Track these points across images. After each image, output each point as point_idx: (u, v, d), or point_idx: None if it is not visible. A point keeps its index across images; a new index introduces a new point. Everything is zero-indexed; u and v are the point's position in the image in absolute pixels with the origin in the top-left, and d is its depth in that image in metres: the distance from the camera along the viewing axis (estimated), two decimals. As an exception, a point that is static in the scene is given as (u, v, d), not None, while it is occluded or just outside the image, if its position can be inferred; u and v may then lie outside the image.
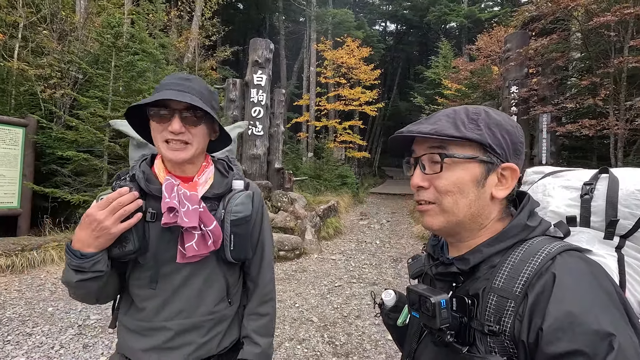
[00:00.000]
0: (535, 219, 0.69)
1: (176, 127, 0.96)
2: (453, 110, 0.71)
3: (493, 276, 0.63)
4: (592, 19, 5.93)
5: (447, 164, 0.68)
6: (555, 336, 0.53)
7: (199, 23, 11.78)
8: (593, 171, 0.83)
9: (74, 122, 5.46)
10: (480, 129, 0.67)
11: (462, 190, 0.68)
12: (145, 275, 1.02)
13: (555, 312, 0.54)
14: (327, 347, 3.11)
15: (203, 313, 1.07)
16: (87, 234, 0.90)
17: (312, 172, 12.22)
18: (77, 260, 0.91)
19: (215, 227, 1.02)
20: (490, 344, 0.60)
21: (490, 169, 0.68)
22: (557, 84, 7.72)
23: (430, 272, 0.78)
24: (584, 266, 0.59)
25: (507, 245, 0.66)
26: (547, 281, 0.57)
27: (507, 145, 0.68)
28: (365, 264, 5.72)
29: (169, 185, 0.99)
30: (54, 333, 3.05)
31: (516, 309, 0.58)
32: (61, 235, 5.09)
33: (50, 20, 6.69)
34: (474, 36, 12.24)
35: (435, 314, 0.64)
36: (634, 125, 5.62)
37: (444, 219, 0.70)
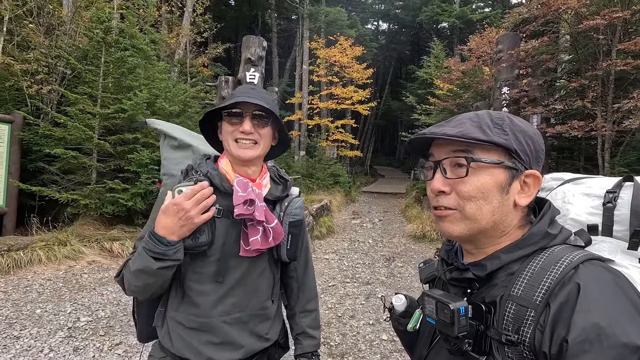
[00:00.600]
0: (556, 226, 0.68)
1: (247, 128, 1.07)
2: (476, 114, 0.70)
3: (511, 284, 0.61)
4: (582, 22, 6.03)
5: (473, 168, 0.66)
6: (581, 349, 0.51)
7: (190, 19, 11.62)
8: (616, 179, 0.81)
9: (62, 118, 5.33)
10: (507, 134, 0.66)
11: (486, 196, 0.66)
12: (209, 269, 1.08)
13: (581, 323, 0.52)
14: (322, 348, 3.10)
15: (254, 308, 1.14)
16: (173, 222, 0.96)
17: (305, 171, 12.19)
18: (162, 247, 0.96)
19: (276, 225, 1.12)
20: (508, 354, 0.59)
21: (515, 176, 0.66)
22: (547, 85, 7.84)
23: (444, 277, 0.76)
24: (608, 276, 0.58)
25: (527, 253, 0.65)
26: (571, 291, 0.56)
27: (530, 152, 0.67)
28: (359, 264, 5.73)
29: (241, 182, 1.08)
30: (42, 336, 2.98)
31: (537, 318, 0.56)
32: (48, 235, 4.97)
33: (36, 13, 6.50)
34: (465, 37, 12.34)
35: (453, 321, 0.62)
36: (621, 127, 5.73)
37: (466, 226, 0.68)
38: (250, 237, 1.08)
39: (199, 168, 1.11)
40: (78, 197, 5.22)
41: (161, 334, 1.14)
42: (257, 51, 8.12)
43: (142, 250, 0.98)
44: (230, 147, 1.09)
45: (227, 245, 1.09)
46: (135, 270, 0.99)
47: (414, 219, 8.61)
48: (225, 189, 1.08)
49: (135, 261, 1.00)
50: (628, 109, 5.52)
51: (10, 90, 5.82)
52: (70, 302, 3.62)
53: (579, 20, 6.40)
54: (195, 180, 1.05)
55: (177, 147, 1.34)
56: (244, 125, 1.07)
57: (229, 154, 1.12)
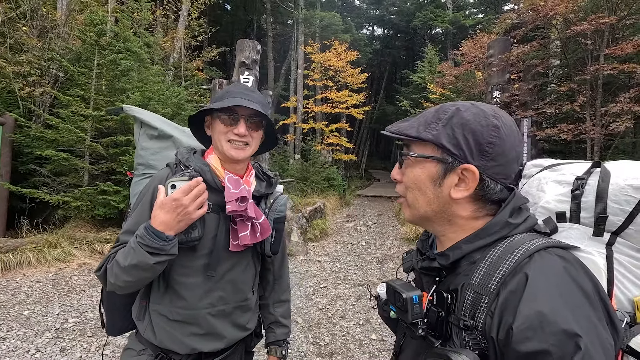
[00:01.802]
0: (521, 215, 0.67)
1: (242, 130, 1.09)
2: (435, 109, 0.71)
3: (472, 272, 0.63)
4: (570, 27, 6.14)
5: (409, 161, 0.71)
6: (525, 335, 0.53)
7: (186, 23, 11.66)
8: (588, 164, 0.80)
9: (54, 121, 5.32)
10: (438, 130, 0.66)
11: (420, 187, 0.70)
12: (197, 263, 1.09)
13: (526, 311, 0.54)
14: (311, 348, 3.11)
15: (237, 300, 1.17)
16: (171, 218, 0.97)
17: (299, 174, 12.21)
18: (160, 242, 0.96)
19: (264, 221, 1.15)
20: (465, 338, 0.61)
21: (448, 169, 0.66)
22: (537, 89, 7.95)
23: (416, 267, 0.79)
24: (559, 265, 0.58)
25: (487, 242, 0.65)
26: (520, 280, 0.57)
27: (467, 146, 0.65)
28: (351, 266, 5.74)
29: (232, 179, 1.10)
30: (29, 337, 2.96)
31: (489, 305, 0.58)
32: (39, 237, 4.94)
33: (30, 16, 6.51)
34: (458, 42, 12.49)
35: (407, 308, 0.66)
36: (609, 130, 5.82)
37: (410, 212, 0.74)
38: (239, 233, 1.10)
39: (188, 162, 1.11)
40: (69, 199, 5.20)
41: (142, 326, 1.14)
42: (252, 55, 8.17)
43: (136, 246, 0.96)
44: (222, 147, 1.10)
45: (217, 240, 1.11)
46: (128, 265, 0.97)
47: (407, 222, 8.64)
48: (217, 185, 1.10)
49: (127, 256, 0.97)
50: (615, 112, 5.62)
51: (2, 92, 5.81)
52: (59, 304, 3.60)
53: (568, 26, 6.52)
54: (190, 175, 1.05)
55: (157, 137, 1.32)
56: (239, 128, 1.09)
57: (219, 151, 1.13)
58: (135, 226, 1.05)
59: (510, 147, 0.66)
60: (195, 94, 9.80)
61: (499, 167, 0.66)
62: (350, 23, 21.14)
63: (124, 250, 1.01)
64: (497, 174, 0.66)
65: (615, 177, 0.73)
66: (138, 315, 1.16)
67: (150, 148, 1.32)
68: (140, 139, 1.34)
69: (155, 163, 1.28)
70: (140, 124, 1.35)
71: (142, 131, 1.34)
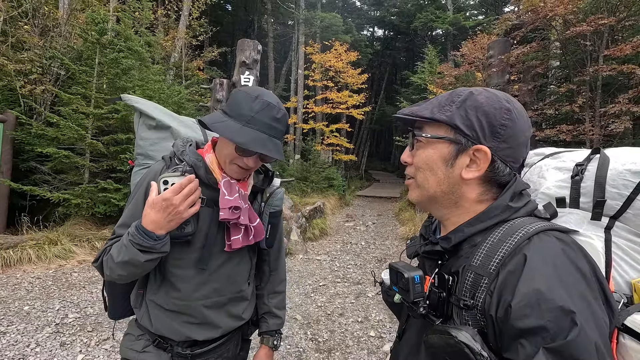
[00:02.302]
0: (521, 200, 0.69)
1: (252, 165, 1.06)
2: (450, 92, 0.73)
3: (473, 255, 0.65)
4: (570, 28, 6.17)
5: (421, 142, 0.72)
6: (523, 312, 0.54)
7: (187, 22, 11.70)
8: (589, 152, 0.81)
9: (55, 118, 5.35)
10: (452, 111, 0.68)
11: (431, 167, 0.71)
12: (192, 256, 1.10)
13: (524, 289, 0.56)
14: (309, 344, 3.13)
15: (232, 292, 1.18)
16: (162, 217, 0.96)
17: (299, 174, 12.22)
18: (151, 241, 0.96)
19: (258, 224, 1.15)
20: (465, 317, 0.63)
21: (460, 150, 0.68)
22: (536, 90, 7.98)
23: (419, 251, 0.81)
24: (557, 246, 0.60)
25: (488, 226, 0.67)
26: (518, 261, 0.59)
27: (480, 127, 0.67)
28: (350, 265, 5.76)
29: (227, 184, 1.07)
30: (29, 332, 2.98)
31: (489, 285, 0.60)
32: (39, 234, 4.96)
33: (32, 15, 6.54)
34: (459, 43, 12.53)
35: (408, 288, 0.68)
36: (608, 131, 5.84)
37: (419, 192, 0.75)
38: (232, 236, 1.09)
39: (183, 156, 1.08)
40: (70, 196, 5.22)
41: (139, 314, 1.16)
42: (252, 54, 8.20)
43: (128, 243, 0.97)
44: (226, 164, 1.07)
45: (210, 234, 1.10)
46: (121, 261, 0.99)
47: (406, 222, 8.66)
48: (210, 181, 1.08)
49: (120, 252, 0.99)
50: (614, 113, 5.64)
51: (3, 90, 5.83)
52: (58, 300, 3.61)
53: (567, 27, 6.55)
54: (182, 171, 1.04)
55: (155, 128, 1.31)
56: (248, 161, 1.04)
57: (220, 160, 1.09)
58: (130, 219, 1.06)
59: (520, 130, 0.69)
60: (195, 94, 9.83)
61: (509, 149, 0.68)
62: (350, 24, 21.19)
63: (117, 245, 1.02)
64: (507, 156, 0.68)
65: (614, 162, 0.74)
66: (135, 303, 1.19)
67: (149, 138, 1.30)
68: (139, 129, 1.33)
69: (153, 154, 1.27)
70: (140, 114, 1.34)
71: (141, 121, 1.33)
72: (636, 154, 0.75)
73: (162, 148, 1.27)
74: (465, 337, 0.57)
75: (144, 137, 1.31)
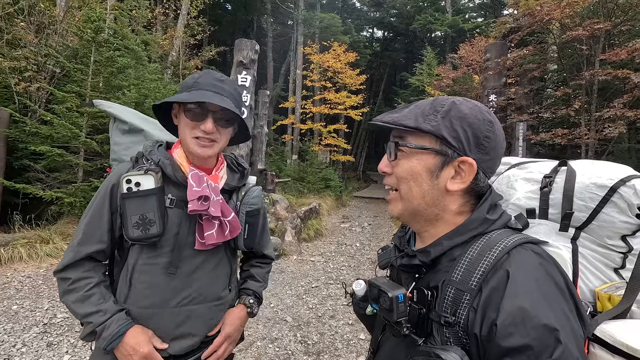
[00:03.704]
0: (496, 212, 0.69)
1: (209, 128, 1.02)
2: (430, 101, 0.71)
3: (452, 269, 0.64)
4: (566, 32, 6.18)
5: (404, 152, 0.69)
6: (508, 331, 0.54)
7: (185, 21, 11.67)
8: (555, 163, 0.84)
9: (49, 116, 5.32)
10: (437, 121, 0.67)
11: (416, 179, 0.69)
12: (161, 260, 1.05)
13: (508, 307, 0.55)
14: (299, 346, 3.12)
15: (210, 299, 1.12)
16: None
17: (296, 174, 12.22)
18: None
19: (233, 218, 1.10)
20: (446, 334, 0.62)
21: (445, 161, 0.67)
22: (533, 93, 7.99)
23: (395, 264, 0.79)
24: (536, 261, 0.60)
25: (466, 239, 0.67)
26: (501, 277, 0.58)
27: (466, 139, 0.66)
28: (344, 266, 5.75)
29: (196, 176, 1.04)
30: (16, 331, 2.96)
31: (471, 301, 0.59)
32: (31, 233, 4.93)
33: (28, 12, 6.52)
34: (457, 45, 12.54)
35: (392, 307, 0.65)
36: (603, 135, 5.85)
37: (402, 205, 0.72)
38: (205, 232, 1.05)
39: (150, 156, 1.07)
40: (63, 195, 5.19)
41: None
42: (250, 54, 8.19)
43: (89, 319, 1.01)
44: (188, 143, 1.05)
45: (180, 237, 1.06)
46: (75, 312, 1.03)
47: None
48: (178, 179, 1.06)
49: (77, 304, 1.02)
50: (609, 118, 5.65)
51: (-3, 87, 5.81)
52: (48, 299, 3.59)
53: (564, 31, 6.56)
54: (146, 170, 1.02)
55: (128, 132, 1.29)
56: (206, 125, 1.02)
57: (184, 146, 1.08)
58: (89, 232, 1.04)
59: (500, 142, 0.70)
60: (192, 93, 9.78)
61: (490, 161, 0.69)
62: (350, 25, 21.19)
63: (83, 297, 1.02)
64: (488, 167, 0.70)
65: (581, 176, 0.76)
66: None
67: (123, 143, 1.29)
68: (113, 133, 1.32)
69: (127, 159, 1.26)
70: (113, 119, 1.32)
71: (115, 126, 1.32)
72: (600, 167, 0.78)
73: (135, 152, 1.23)
74: (454, 358, 0.56)
75: (117, 142, 1.30)
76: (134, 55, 6.84)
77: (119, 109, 1.33)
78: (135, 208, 1.00)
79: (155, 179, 1.03)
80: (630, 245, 0.74)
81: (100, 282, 1.06)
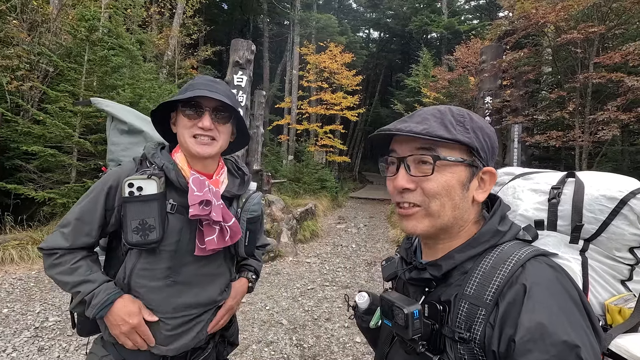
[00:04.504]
0: (506, 223, 0.69)
1: (207, 124, 1.02)
2: (438, 110, 0.69)
3: (465, 283, 0.63)
4: (561, 35, 6.22)
5: (438, 166, 0.65)
6: (526, 347, 0.53)
7: (180, 21, 11.60)
8: (561, 174, 0.83)
9: (42, 116, 5.25)
10: (469, 132, 0.66)
11: (449, 193, 0.66)
12: (160, 266, 1.05)
13: (527, 323, 0.54)
14: (294, 350, 3.10)
15: (207, 304, 1.13)
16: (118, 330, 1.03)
17: (292, 175, 12.19)
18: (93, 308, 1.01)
19: (234, 224, 1.10)
20: (460, 350, 0.60)
21: (474, 173, 0.67)
22: (528, 96, 8.04)
23: (404, 277, 0.77)
24: (552, 274, 0.59)
25: (479, 252, 0.66)
26: (518, 291, 0.57)
27: (488, 149, 0.68)
28: (340, 267, 5.74)
29: (197, 180, 1.04)
30: (7, 335, 2.91)
31: (487, 317, 0.58)
32: (23, 234, 4.86)
33: (20, 10, 6.43)
34: (453, 47, 12.60)
35: (407, 324, 0.63)
36: (597, 137, 5.90)
37: (429, 223, 0.67)
38: (205, 237, 1.05)
39: (154, 159, 1.07)
40: (55, 195, 5.13)
41: (105, 330, 1.10)
42: (246, 54, 8.16)
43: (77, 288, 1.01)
44: (187, 143, 1.04)
45: (181, 243, 1.06)
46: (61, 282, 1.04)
47: (398, 225, 8.66)
48: (181, 184, 1.05)
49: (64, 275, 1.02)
50: (603, 120, 5.69)
51: (-12, 86, 5.71)
52: (39, 302, 3.54)
53: (559, 34, 6.61)
54: (149, 174, 1.01)
55: (127, 132, 1.28)
56: (203, 121, 1.02)
57: (184, 148, 1.08)
58: (79, 218, 1.04)
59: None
60: (188, 93, 9.72)
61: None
62: (346, 25, 21.20)
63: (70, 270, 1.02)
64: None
65: (589, 187, 0.76)
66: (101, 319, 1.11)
67: (121, 143, 1.27)
68: (111, 133, 1.30)
69: (125, 160, 1.23)
70: (112, 118, 1.30)
71: (113, 125, 1.30)
72: (608, 179, 0.78)
73: (134, 153, 1.22)
74: None
75: (115, 142, 1.28)
76: (129, 54, 6.79)
77: (118, 108, 1.32)
78: (136, 213, 1.00)
79: (158, 184, 1.02)
80: (638, 257, 0.74)
81: (87, 256, 1.06)
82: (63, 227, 1.05)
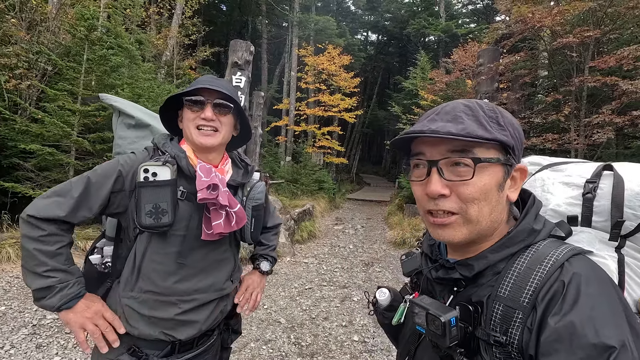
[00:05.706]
0: (540, 220, 0.66)
1: (209, 114, 1.09)
2: (466, 106, 0.63)
3: (498, 283, 0.60)
4: (557, 39, 6.30)
5: (477, 169, 0.60)
6: (552, 347, 0.50)
7: (179, 21, 11.62)
8: (594, 165, 0.79)
9: (40, 114, 5.24)
10: (504, 129, 0.62)
11: (487, 196, 0.61)
12: (171, 250, 1.09)
13: (555, 323, 0.52)
14: (292, 348, 3.11)
15: (214, 289, 1.17)
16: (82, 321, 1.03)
17: (290, 176, 12.21)
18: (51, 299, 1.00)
19: (239, 210, 1.16)
20: (496, 354, 0.58)
21: (509, 171, 0.63)
22: (524, 99, 8.12)
23: (430, 275, 0.73)
24: (591, 273, 0.57)
25: (514, 251, 0.63)
26: (556, 292, 0.55)
27: (521, 146, 0.64)
28: (337, 268, 5.76)
29: (204, 167, 1.10)
30: (5, 333, 2.90)
31: (524, 320, 0.55)
32: (19, 232, 4.84)
33: (19, 8, 6.43)
34: (450, 50, 12.70)
35: (445, 332, 0.60)
36: (591, 140, 5.97)
37: (468, 230, 0.63)
38: (213, 222, 1.10)
39: (165, 148, 1.11)
40: (53, 194, 5.11)
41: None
42: (244, 55, 8.19)
43: (32, 268, 0.98)
44: (191, 134, 1.10)
45: (190, 228, 1.11)
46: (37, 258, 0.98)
47: (395, 226, 8.69)
48: (191, 172, 1.10)
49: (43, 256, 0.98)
50: (597, 123, 5.77)
51: (-14, 84, 5.70)
52: (37, 300, 3.53)
53: (555, 38, 6.69)
54: (164, 161, 1.06)
55: (134, 126, 1.32)
56: (205, 112, 1.09)
57: (189, 141, 1.14)
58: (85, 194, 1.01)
59: None
60: (186, 93, 9.73)
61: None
62: (344, 28, 21.29)
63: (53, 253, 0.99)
64: None
65: (629, 182, 0.72)
66: (109, 304, 1.11)
67: (128, 137, 1.31)
68: (118, 128, 1.33)
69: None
70: (119, 113, 1.34)
71: (120, 120, 1.34)
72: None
73: (140, 147, 1.26)
74: None
75: (122, 136, 1.32)
76: (128, 54, 6.79)
77: (125, 104, 1.36)
78: (150, 197, 1.04)
79: (172, 171, 1.07)
80: None
81: (69, 245, 1.06)
82: (59, 196, 1.00)
